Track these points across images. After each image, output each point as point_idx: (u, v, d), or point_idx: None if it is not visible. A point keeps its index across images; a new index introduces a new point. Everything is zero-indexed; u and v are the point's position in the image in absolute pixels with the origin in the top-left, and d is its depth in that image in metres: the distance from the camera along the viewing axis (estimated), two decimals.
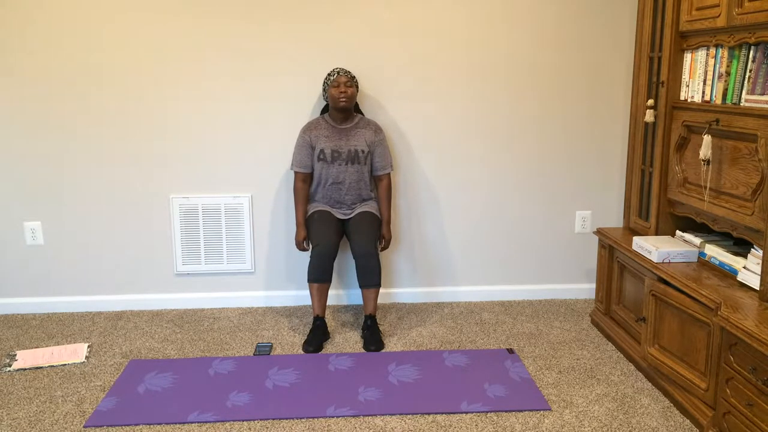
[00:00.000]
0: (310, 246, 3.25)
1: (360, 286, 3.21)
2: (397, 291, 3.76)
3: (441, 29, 3.47)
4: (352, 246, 3.16)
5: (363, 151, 3.29)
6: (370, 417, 2.55)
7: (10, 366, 2.98)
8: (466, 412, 2.58)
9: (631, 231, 3.27)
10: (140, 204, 3.57)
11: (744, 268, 2.47)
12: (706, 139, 2.61)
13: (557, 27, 3.51)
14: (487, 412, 2.58)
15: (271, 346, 3.16)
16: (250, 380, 2.83)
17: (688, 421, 2.52)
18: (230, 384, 2.80)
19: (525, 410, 2.59)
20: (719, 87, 2.59)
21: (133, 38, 3.38)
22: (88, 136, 3.47)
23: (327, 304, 3.50)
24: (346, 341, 3.24)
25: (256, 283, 3.70)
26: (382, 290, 3.75)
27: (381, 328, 3.40)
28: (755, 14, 2.33)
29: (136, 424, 2.50)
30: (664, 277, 2.68)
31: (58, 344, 3.23)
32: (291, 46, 3.44)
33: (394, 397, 2.68)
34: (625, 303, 3.14)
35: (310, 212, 3.33)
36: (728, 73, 2.54)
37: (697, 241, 2.80)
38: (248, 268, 3.67)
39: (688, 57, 2.82)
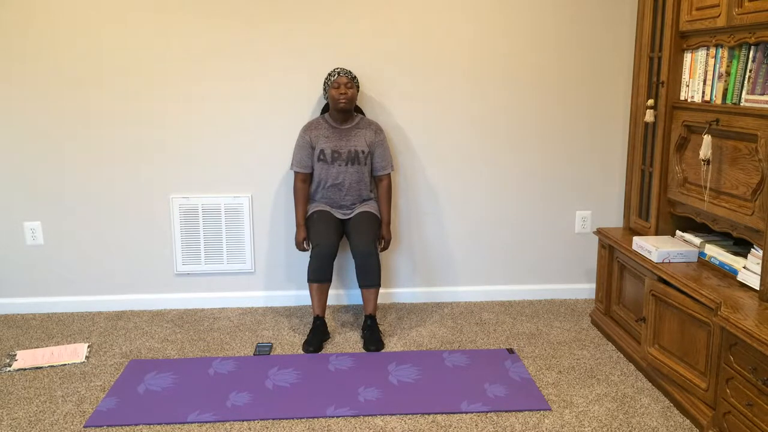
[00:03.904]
0: (310, 246, 3.25)
1: (360, 286, 3.21)
2: (397, 291, 3.76)
3: (441, 29, 3.47)
4: (352, 246, 3.16)
5: (363, 152, 3.29)
6: (370, 417, 2.55)
7: (10, 366, 2.98)
8: (466, 412, 2.58)
9: (631, 231, 3.27)
10: (140, 204, 3.57)
11: (744, 268, 2.47)
12: (706, 139, 2.61)
13: (557, 27, 3.51)
14: (487, 412, 2.58)
15: (271, 346, 3.16)
16: (250, 380, 2.83)
17: (688, 421, 2.52)
18: (230, 384, 2.80)
19: (525, 410, 2.59)
20: (719, 87, 2.59)
21: (133, 39, 3.38)
22: (88, 136, 3.47)
23: (327, 304, 3.50)
24: (346, 341, 3.24)
25: (256, 283, 3.70)
26: (382, 290, 3.75)
27: (381, 328, 3.40)
28: (755, 14, 2.33)
29: (136, 424, 2.50)
30: (664, 277, 2.68)
31: (58, 344, 3.23)
32: (291, 46, 3.44)
33: (394, 397, 2.68)
34: (625, 303, 3.14)
35: (309, 212, 3.33)
36: (728, 73, 2.54)
37: (697, 241, 2.80)
38: (248, 268, 3.67)
39: (688, 57, 2.82)
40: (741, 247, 2.69)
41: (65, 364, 3.00)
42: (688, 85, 2.82)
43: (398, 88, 3.53)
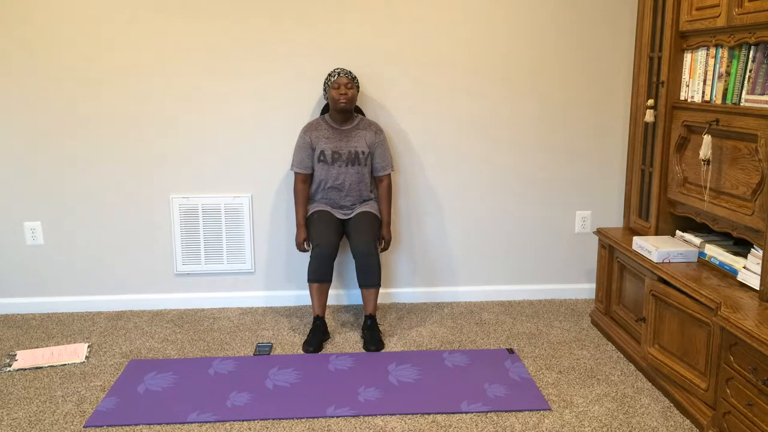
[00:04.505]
0: (311, 246, 3.25)
1: (360, 286, 3.21)
2: (397, 291, 3.76)
3: (441, 29, 3.47)
4: (352, 246, 3.16)
5: (363, 153, 3.29)
6: (370, 417, 2.55)
7: (10, 366, 2.98)
8: (466, 412, 2.58)
9: (631, 231, 3.27)
10: (140, 204, 3.57)
11: (744, 268, 2.47)
12: (706, 139, 2.61)
13: (557, 27, 3.51)
14: (487, 412, 2.58)
15: (271, 346, 3.16)
16: (250, 380, 2.83)
17: (688, 421, 2.52)
18: (230, 384, 2.80)
19: (525, 410, 2.59)
20: (719, 87, 2.59)
21: (133, 39, 3.38)
22: (88, 137, 3.47)
23: (327, 304, 3.50)
24: (346, 341, 3.24)
25: (256, 283, 3.70)
26: (382, 290, 3.75)
27: (381, 328, 3.40)
28: (755, 14, 2.33)
29: (136, 424, 2.50)
30: (664, 277, 2.68)
31: (58, 344, 3.23)
32: (291, 46, 3.44)
33: (394, 397, 2.68)
34: (625, 303, 3.14)
35: (309, 212, 3.33)
36: (728, 73, 2.54)
37: (697, 241, 2.80)
38: (248, 268, 3.67)
39: (688, 57, 2.82)
40: (741, 247, 2.69)
41: (65, 364, 3.00)
42: (688, 85, 2.82)
43: (398, 88, 3.53)
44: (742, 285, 2.47)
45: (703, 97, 2.71)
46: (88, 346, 3.18)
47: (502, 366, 2.96)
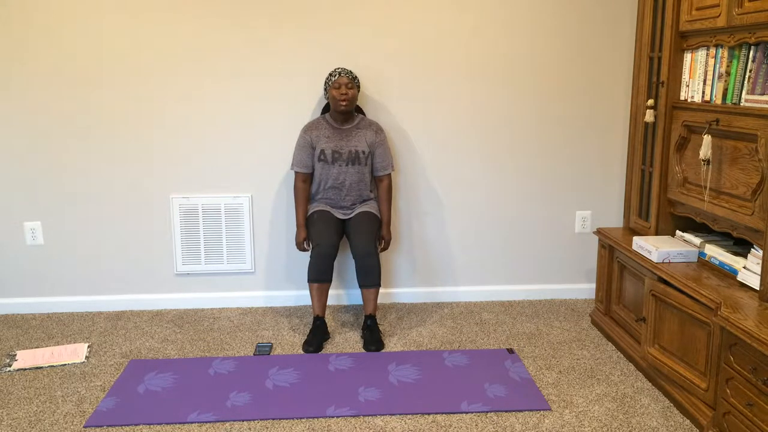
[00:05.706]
0: (311, 246, 3.25)
1: (360, 286, 3.21)
2: (397, 291, 3.76)
3: (441, 29, 3.47)
4: (352, 246, 3.16)
5: (363, 152, 3.29)
6: (370, 417, 2.55)
7: (10, 366, 2.98)
8: (466, 412, 2.58)
9: (631, 231, 3.27)
10: (140, 204, 3.57)
11: (744, 268, 2.47)
12: (706, 139, 2.61)
13: (557, 27, 3.51)
14: (487, 412, 2.58)
15: (271, 346, 3.16)
16: (250, 380, 2.83)
17: (688, 421, 2.52)
18: (230, 384, 2.80)
19: (525, 410, 2.59)
20: (719, 87, 2.59)
21: (133, 38, 3.38)
22: (88, 136, 3.47)
23: (327, 304, 3.50)
24: (346, 341, 3.24)
25: (256, 283, 3.70)
26: (382, 290, 3.75)
27: (381, 328, 3.40)
28: (755, 14, 2.33)
29: (136, 424, 2.50)
30: (664, 277, 2.68)
31: (58, 344, 3.23)
32: (292, 45, 3.44)
33: (394, 397, 2.68)
34: (625, 303, 3.14)
35: (309, 212, 3.33)
36: (728, 73, 2.55)
37: (697, 241, 2.80)
38: (248, 268, 3.67)
39: (688, 57, 2.82)
40: (741, 247, 2.69)
41: (65, 364, 3.00)
42: (688, 85, 2.82)
43: (398, 88, 3.53)
44: (742, 285, 2.47)
45: (703, 97, 2.71)
46: (88, 346, 3.18)
47: (502, 366, 2.96)
